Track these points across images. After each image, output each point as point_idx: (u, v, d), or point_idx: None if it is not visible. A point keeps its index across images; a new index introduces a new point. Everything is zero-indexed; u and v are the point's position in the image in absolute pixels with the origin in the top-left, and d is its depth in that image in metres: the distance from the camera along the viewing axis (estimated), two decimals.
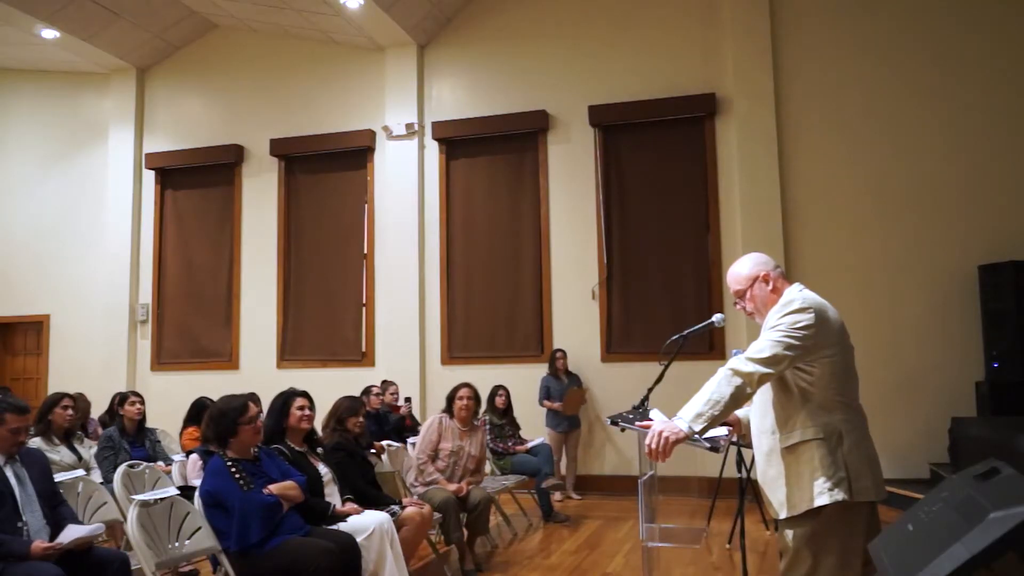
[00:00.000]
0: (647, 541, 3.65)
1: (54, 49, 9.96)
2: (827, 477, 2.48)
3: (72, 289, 10.51)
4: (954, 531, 1.80)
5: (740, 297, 2.79)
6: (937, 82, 7.83)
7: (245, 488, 3.66)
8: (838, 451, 2.50)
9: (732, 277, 2.81)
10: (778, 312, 2.58)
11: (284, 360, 9.62)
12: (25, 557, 3.33)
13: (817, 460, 2.50)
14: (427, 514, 4.73)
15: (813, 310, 2.53)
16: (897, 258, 7.75)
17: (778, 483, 2.59)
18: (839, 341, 2.58)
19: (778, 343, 2.49)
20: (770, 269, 2.74)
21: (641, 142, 8.65)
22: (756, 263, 2.75)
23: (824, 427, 2.52)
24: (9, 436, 3.60)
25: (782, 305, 2.59)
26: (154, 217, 10.32)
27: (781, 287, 2.72)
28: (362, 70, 9.63)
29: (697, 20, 8.52)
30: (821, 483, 2.48)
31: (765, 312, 2.70)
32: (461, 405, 5.50)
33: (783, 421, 2.59)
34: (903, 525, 2.06)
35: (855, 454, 2.52)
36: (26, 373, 10.83)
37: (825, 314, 2.56)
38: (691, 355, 7.49)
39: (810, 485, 2.50)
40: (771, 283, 2.72)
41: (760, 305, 2.73)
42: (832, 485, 2.47)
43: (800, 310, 2.53)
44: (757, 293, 2.73)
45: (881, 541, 2.09)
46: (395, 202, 9.28)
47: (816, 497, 2.48)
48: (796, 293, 2.65)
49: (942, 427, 7.22)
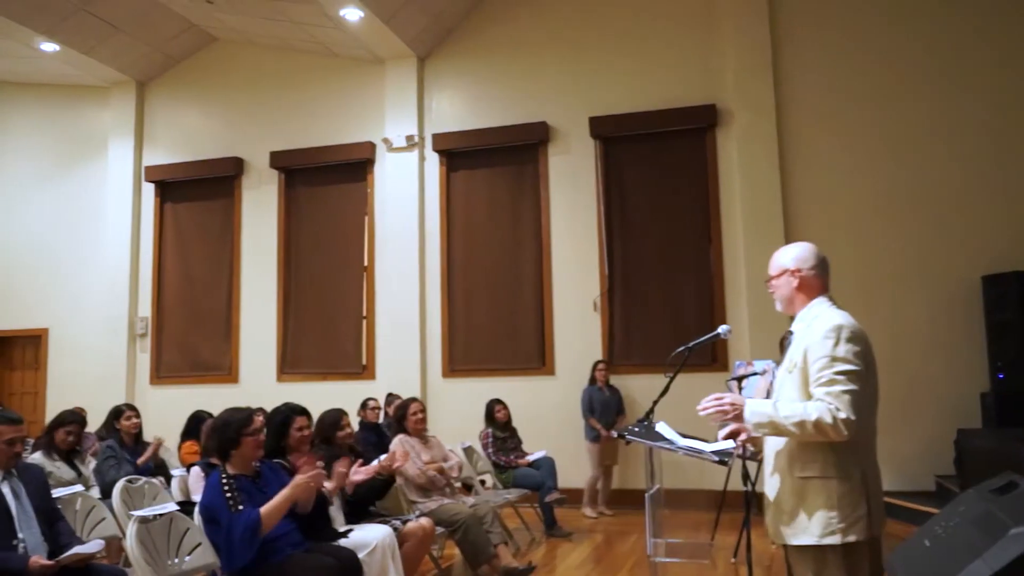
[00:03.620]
0: (654, 557, 3.59)
1: (54, 62, 9.96)
2: (842, 517, 2.38)
3: (71, 302, 10.46)
4: (974, 547, 1.75)
5: (771, 279, 2.74)
6: (939, 92, 7.82)
7: (233, 509, 3.58)
8: (857, 490, 2.41)
9: (772, 260, 2.75)
10: (825, 344, 2.44)
11: (284, 373, 9.57)
12: (22, 573, 3.28)
13: (835, 499, 2.40)
14: (429, 529, 4.67)
15: (861, 339, 2.45)
16: (900, 269, 7.71)
17: (784, 509, 2.51)
18: (872, 364, 2.49)
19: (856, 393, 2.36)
20: (805, 268, 2.64)
21: (642, 154, 8.64)
22: (796, 257, 2.66)
23: (847, 465, 2.42)
24: (4, 448, 3.55)
25: (832, 329, 2.45)
26: (154, 230, 10.29)
27: (810, 290, 2.64)
28: (362, 82, 9.63)
29: (697, 31, 8.53)
30: (835, 522, 2.39)
31: (786, 307, 2.67)
32: (417, 419, 5.59)
33: (801, 449, 2.48)
34: (919, 540, 2.01)
35: (871, 488, 2.43)
36: (24, 387, 10.76)
37: (866, 340, 2.48)
38: (695, 367, 7.43)
39: (822, 521, 2.41)
40: (799, 280, 2.64)
41: (781, 298, 2.69)
42: (847, 525, 2.38)
43: (852, 341, 2.43)
44: (782, 285, 2.67)
45: (897, 556, 2.05)
46: (395, 214, 9.25)
47: (827, 535, 2.39)
48: (835, 315, 2.53)
49: (948, 439, 7.16)
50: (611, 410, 7.83)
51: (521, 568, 5.11)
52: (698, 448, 3.81)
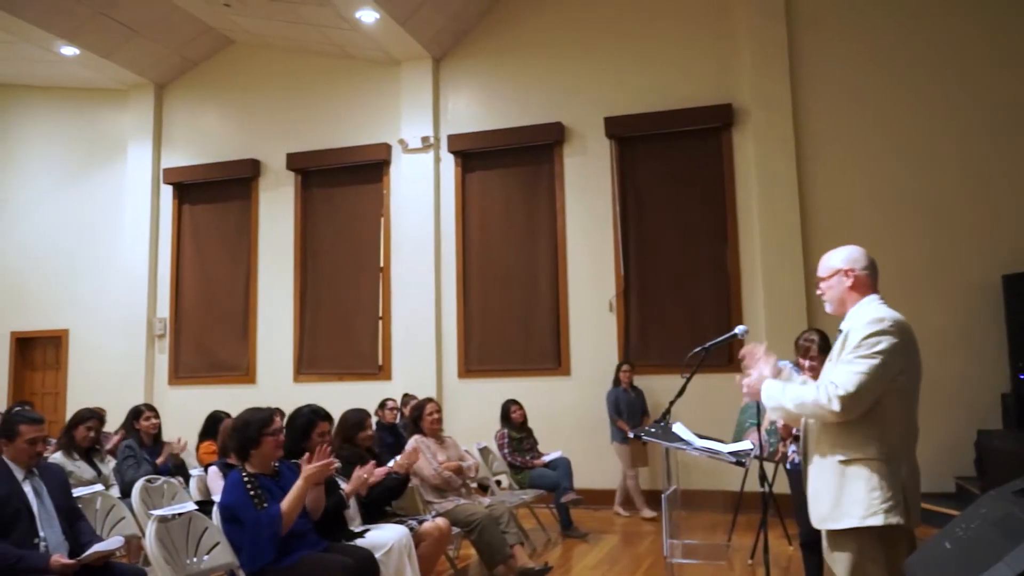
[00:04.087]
0: (671, 558, 3.58)
1: (73, 66, 10.07)
2: (884, 498, 2.44)
3: (91, 304, 10.57)
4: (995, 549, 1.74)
5: (821, 281, 2.77)
6: (957, 90, 7.74)
7: (258, 506, 3.61)
8: (898, 474, 2.47)
9: (822, 262, 2.78)
10: (863, 330, 2.51)
11: (301, 374, 9.62)
12: (43, 572, 3.32)
13: (877, 480, 2.45)
14: (445, 529, 4.68)
15: (899, 331, 2.50)
16: (919, 269, 7.63)
17: (826, 495, 2.56)
18: (914, 360, 2.56)
19: (865, 374, 2.45)
20: (858, 268, 2.68)
21: (657, 153, 8.61)
22: (847, 257, 2.71)
23: (888, 448, 2.48)
24: (26, 447, 3.59)
25: (870, 322, 2.52)
26: (172, 232, 10.38)
27: (862, 289, 2.67)
28: (378, 84, 9.66)
29: (713, 30, 8.49)
30: (877, 503, 2.44)
31: (837, 307, 2.70)
32: (433, 419, 5.60)
33: (845, 432, 2.53)
34: (940, 543, 2.00)
35: (912, 480, 2.51)
36: (45, 387, 10.88)
37: (908, 334, 2.54)
38: (711, 367, 7.40)
39: (863, 503, 2.46)
40: (852, 280, 2.67)
41: (833, 298, 2.71)
42: (889, 507, 2.43)
43: (887, 332, 2.49)
44: (835, 285, 2.70)
45: (917, 559, 2.03)
46: (411, 215, 9.28)
47: (870, 517, 2.44)
48: (881, 308, 2.60)
49: (968, 440, 7.09)
50: (637, 411, 7.78)
51: (537, 568, 5.11)
52: (715, 449, 3.80)
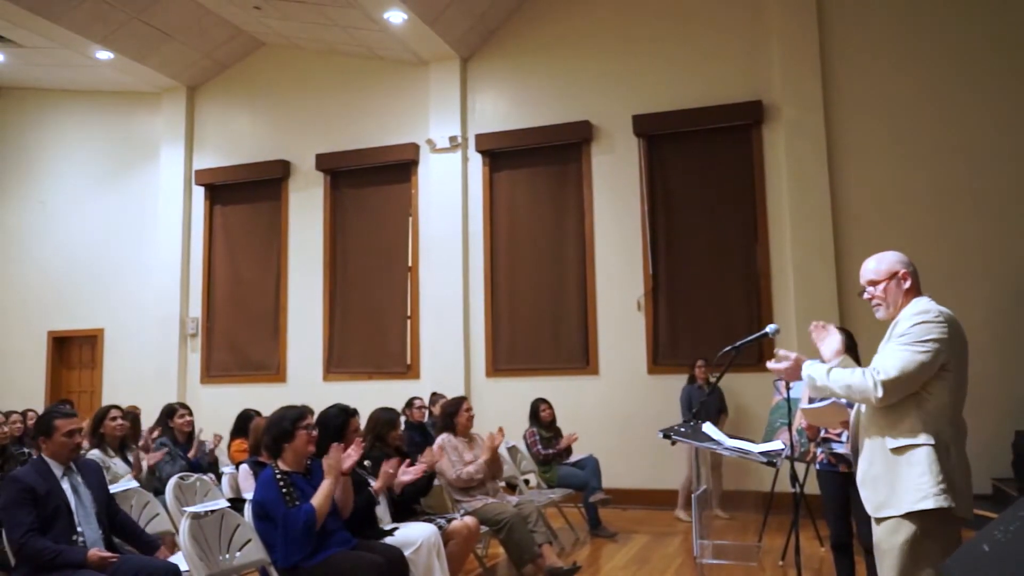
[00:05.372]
0: (701, 558, 3.55)
1: (108, 70, 10.25)
2: (935, 483, 2.47)
3: (125, 303, 10.75)
4: None
5: (872, 286, 2.79)
6: (993, 83, 7.58)
7: (290, 504, 3.65)
8: (946, 461, 2.50)
9: (869, 268, 2.82)
10: (910, 320, 2.59)
11: (331, 373, 9.69)
12: (82, 565, 3.38)
13: (926, 465, 2.49)
14: (474, 527, 4.69)
15: (946, 323, 2.56)
16: (955, 266, 7.50)
17: (880, 482, 2.59)
18: (961, 354, 2.60)
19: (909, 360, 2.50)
20: (909, 270, 2.75)
21: (686, 151, 8.55)
22: (897, 259, 2.76)
23: (936, 435, 2.52)
24: (64, 441, 3.66)
25: (917, 312, 2.60)
26: (203, 232, 10.52)
27: (914, 291, 2.74)
28: (406, 84, 9.71)
29: (742, 27, 8.41)
30: (928, 487, 2.47)
31: (893, 310, 2.72)
32: (468, 416, 5.60)
33: (895, 421, 2.58)
34: (978, 545, 1.95)
35: (960, 469, 2.53)
36: (81, 386, 11.09)
37: (955, 328, 2.58)
38: (741, 367, 7.36)
39: (915, 488, 2.49)
40: (910, 280, 2.73)
41: (891, 301, 2.74)
42: (940, 491, 2.46)
43: (934, 321, 2.55)
44: (892, 288, 2.74)
45: (955, 562, 1.99)
46: (439, 215, 9.31)
47: (921, 500, 2.47)
48: (929, 304, 2.65)
49: (1005, 441, 6.95)
50: (712, 410, 7.45)
51: (566, 568, 5.10)
52: (745, 448, 3.77)
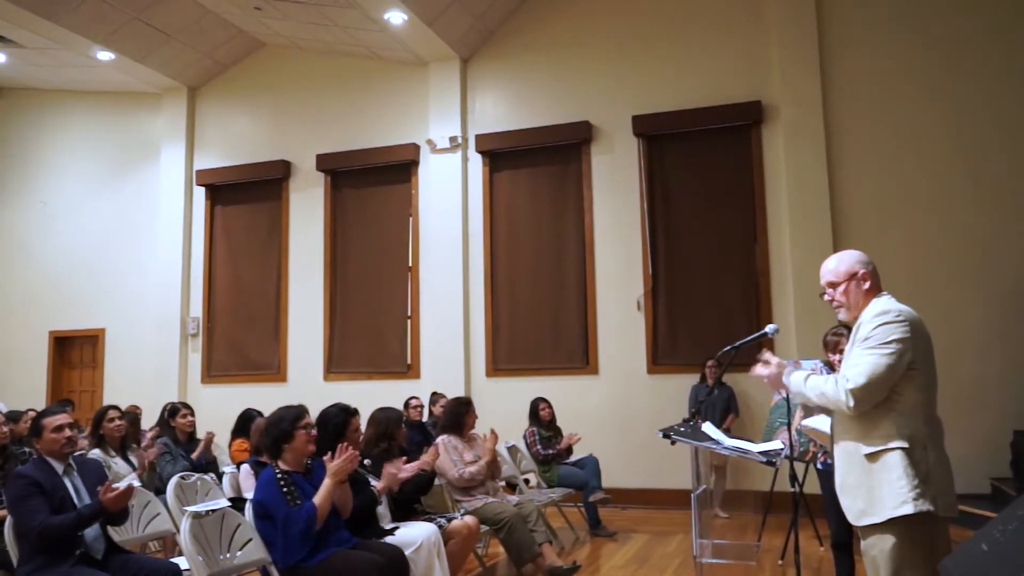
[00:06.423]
0: (700, 557, 3.56)
1: (109, 70, 10.26)
2: (912, 487, 2.44)
3: (126, 303, 10.76)
4: None
5: (832, 287, 2.76)
6: (993, 82, 7.59)
7: (291, 503, 3.66)
8: (923, 462, 2.47)
9: (828, 268, 2.79)
10: (871, 323, 2.56)
11: (331, 372, 9.71)
12: (101, 511, 3.43)
13: (901, 469, 2.46)
14: (474, 527, 4.70)
15: (907, 322, 2.54)
16: (954, 266, 7.51)
17: (858, 490, 2.56)
18: (926, 350, 2.58)
19: (876, 365, 2.49)
20: (868, 269, 2.72)
21: (686, 151, 8.56)
22: (857, 259, 2.74)
23: (909, 437, 2.49)
24: (54, 436, 3.66)
25: (877, 314, 2.58)
26: (204, 232, 10.53)
27: (874, 290, 2.71)
28: (406, 84, 9.72)
29: (741, 27, 8.42)
30: (906, 492, 2.44)
31: (854, 311, 2.70)
32: (475, 418, 5.64)
33: (868, 427, 2.56)
34: (976, 544, 1.96)
35: (940, 468, 2.50)
36: (82, 385, 11.10)
37: (917, 326, 2.57)
38: (741, 367, 7.33)
39: (893, 493, 2.45)
40: (869, 281, 2.70)
41: (851, 302, 2.72)
42: (917, 495, 2.43)
43: (895, 322, 2.53)
44: (852, 289, 2.71)
45: (953, 561, 2.00)
46: (439, 215, 9.32)
47: (900, 506, 2.44)
48: (889, 303, 2.64)
49: (1004, 440, 6.97)
50: (718, 409, 7.50)
51: (565, 567, 5.11)
52: (744, 448, 3.78)
